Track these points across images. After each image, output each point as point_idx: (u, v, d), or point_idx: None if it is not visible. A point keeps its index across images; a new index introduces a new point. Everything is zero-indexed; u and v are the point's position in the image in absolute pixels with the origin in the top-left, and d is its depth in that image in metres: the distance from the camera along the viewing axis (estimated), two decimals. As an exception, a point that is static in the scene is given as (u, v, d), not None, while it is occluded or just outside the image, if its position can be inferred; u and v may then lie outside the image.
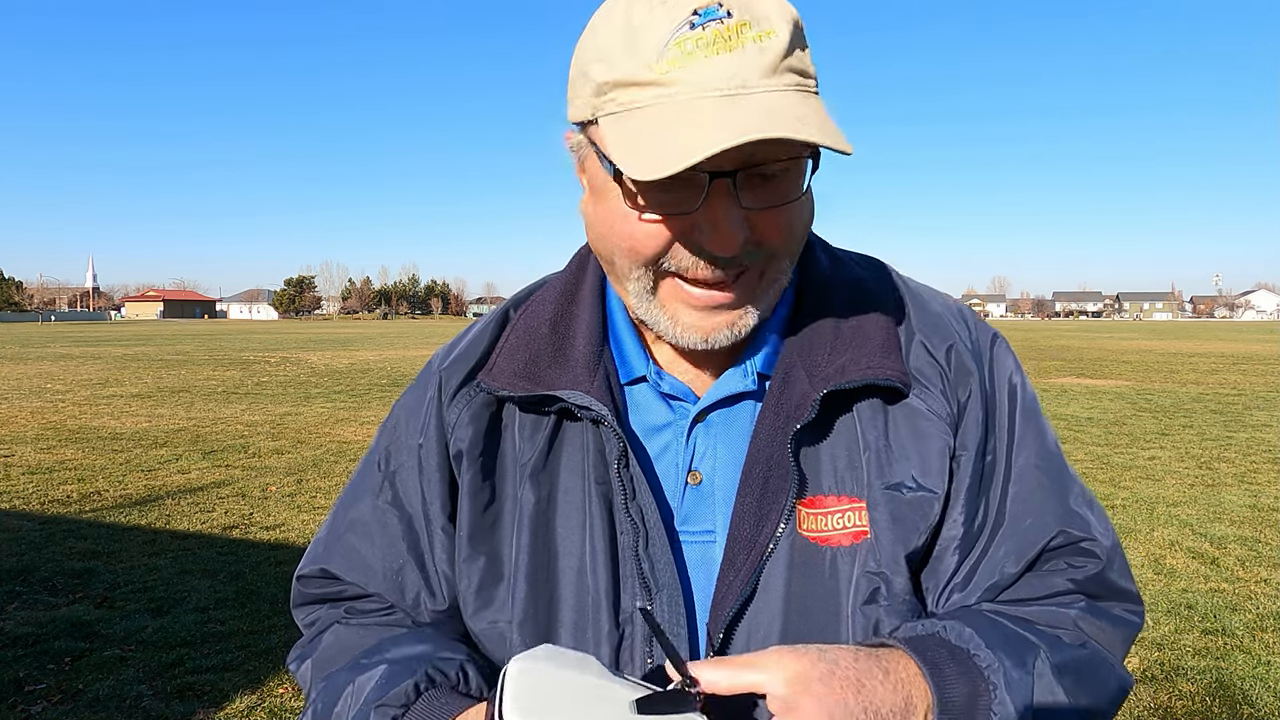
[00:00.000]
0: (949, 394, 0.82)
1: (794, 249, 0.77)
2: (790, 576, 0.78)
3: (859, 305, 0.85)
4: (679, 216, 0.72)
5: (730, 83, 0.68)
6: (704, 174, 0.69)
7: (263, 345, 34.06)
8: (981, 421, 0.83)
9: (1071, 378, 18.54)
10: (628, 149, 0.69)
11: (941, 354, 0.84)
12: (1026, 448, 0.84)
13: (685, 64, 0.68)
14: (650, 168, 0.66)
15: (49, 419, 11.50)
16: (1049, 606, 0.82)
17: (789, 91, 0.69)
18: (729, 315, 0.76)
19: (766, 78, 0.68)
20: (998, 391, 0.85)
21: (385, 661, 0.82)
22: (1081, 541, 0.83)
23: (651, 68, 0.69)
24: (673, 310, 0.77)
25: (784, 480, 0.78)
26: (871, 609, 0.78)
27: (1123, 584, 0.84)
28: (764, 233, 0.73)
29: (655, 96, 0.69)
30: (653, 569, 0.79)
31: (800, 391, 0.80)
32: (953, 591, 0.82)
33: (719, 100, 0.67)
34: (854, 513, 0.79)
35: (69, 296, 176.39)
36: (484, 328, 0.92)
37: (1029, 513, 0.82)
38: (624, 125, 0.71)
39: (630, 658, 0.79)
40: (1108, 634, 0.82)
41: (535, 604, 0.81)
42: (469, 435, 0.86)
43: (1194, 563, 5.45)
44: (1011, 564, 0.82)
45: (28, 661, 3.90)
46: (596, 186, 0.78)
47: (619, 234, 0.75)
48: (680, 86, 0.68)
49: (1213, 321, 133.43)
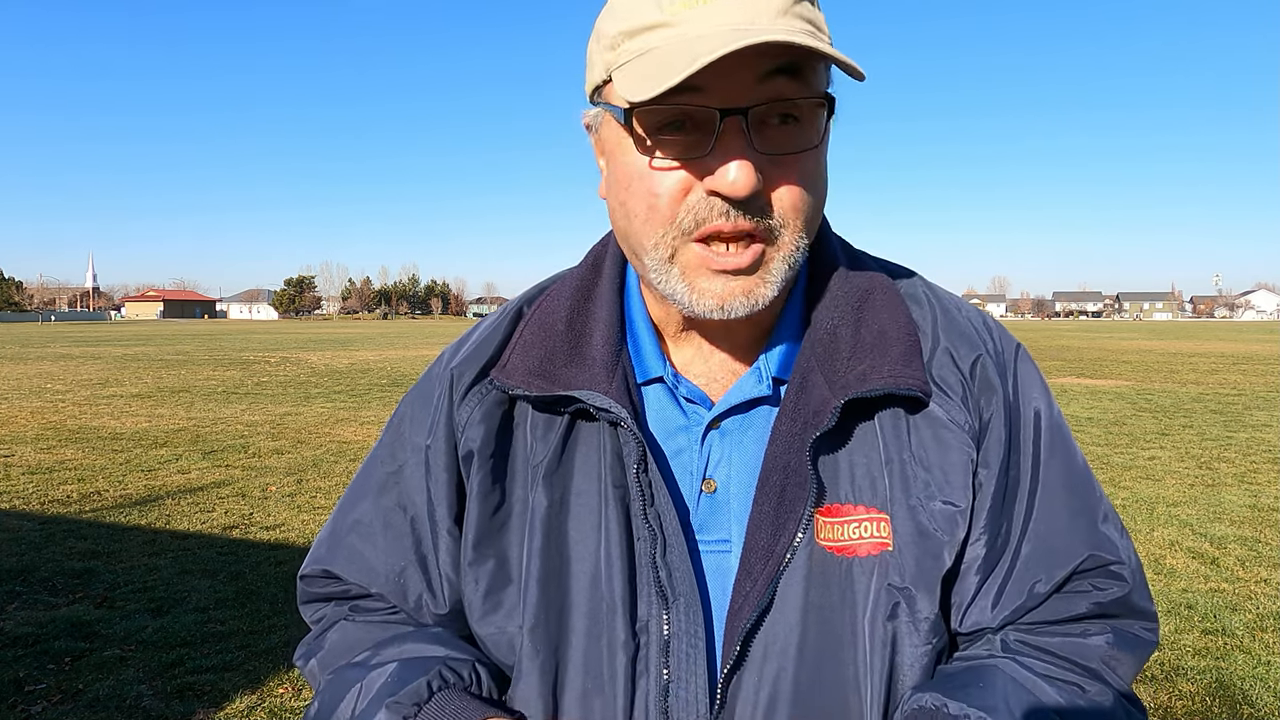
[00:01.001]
0: (970, 406, 0.80)
1: (807, 217, 0.74)
2: (808, 587, 0.76)
3: (880, 309, 0.82)
4: (693, 161, 0.71)
5: (742, 18, 0.68)
6: (715, 111, 0.68)
7: (263, 345, 34.05)
8: (1004, 439, 0.80)
9: (1071, 378, 18.54)
10: (634, 82, 0.69)
11: (967, 365, 0.81)
12: (1055, 468, 0.82)
13: (695, 6, 0.68)
14: (654, 84, 0.66)
15: (49, 419, 11.49)
16: (1072, 637, 0.80)
17: (800, 33, 0.68)
18: (745, 282, 0.73)
19: (777, 19, 0.69)
20: (1023, 408, 0.82)
21: (397, 659, 0.80)
22: (1110, 565, 0.80)
23: (663, 9, 0.70)
24: (690, 278, 0.74)
25: (802, 488, 0.75)
26: (892, 624, 0.75)
27: (1144, 605, 0.82)
28: (778, 185, 0.72)
29: (664, 38, 0.69)
30: (670, 577, 0.76)
31: (819, 398, 0.77)
32: (973, 612, 0.80)
33: (729, 32, 0.67)
34: (873, 523, 0.76)
35: (69, 296, 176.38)
36: (496, 324, 0.89)
37: (1057, 534, 0.80)
38: (634, 69, 0.70)
39: (645, 668, 0.77)
40: (1127, 660, 0.80)
41: (546, 610, 0.79)
42: (480, 435, 0.83)
43: (1194, 563, 5.45)
44: (1041, 587, 0.79)
45: (28, 661, 3.89)
46: (611, 151, 0.77)
47: (636, 193, 0.74)
48: (690, 25, 0.69)
49: (1213, 321, 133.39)
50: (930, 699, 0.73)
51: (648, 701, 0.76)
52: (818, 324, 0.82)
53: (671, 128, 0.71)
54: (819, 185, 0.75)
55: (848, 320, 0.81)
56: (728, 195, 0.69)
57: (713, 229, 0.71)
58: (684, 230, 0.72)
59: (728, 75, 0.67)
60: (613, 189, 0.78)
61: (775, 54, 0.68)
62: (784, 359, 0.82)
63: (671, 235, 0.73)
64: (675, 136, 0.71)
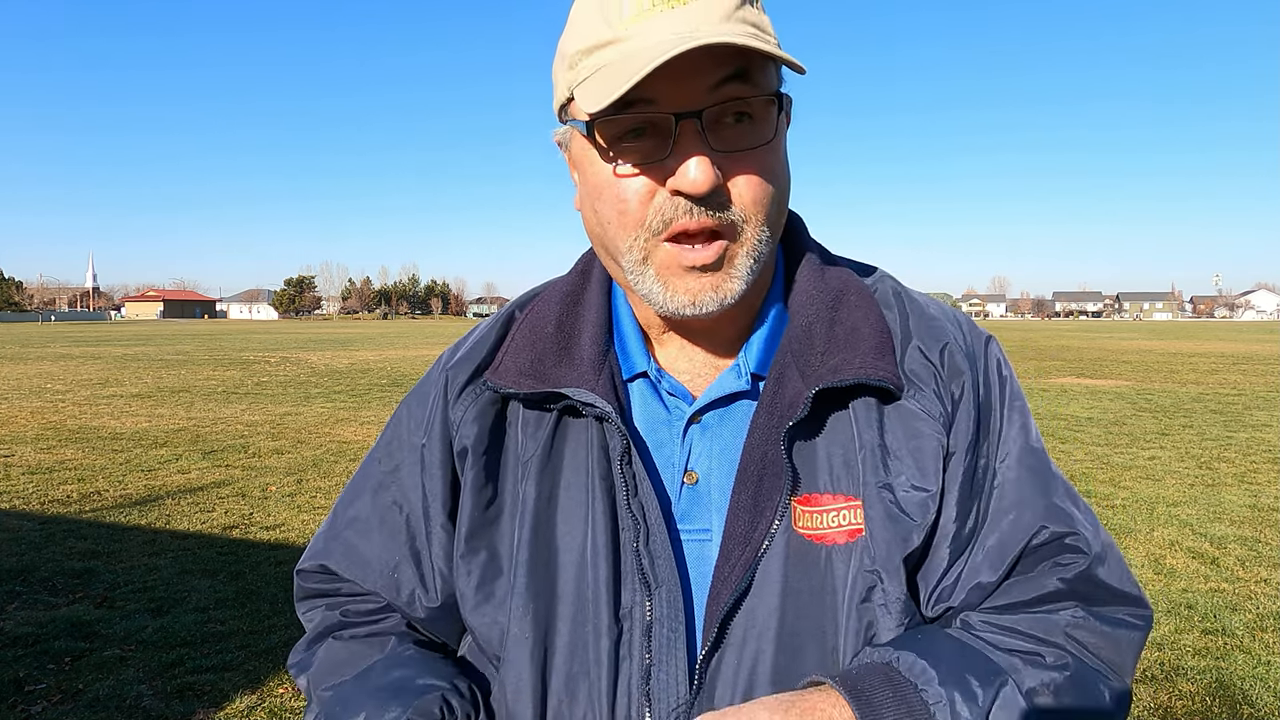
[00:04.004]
0: (942, 393, 0.83)
1: (769, 210, 0.78)
2: (787, 573, 0.78)
3: (853, 308, 0.85)
4: (654, 165, 0.75)
5: (685, 27, 0.72)
6: (670, 115, 0.72)
7: (263, 345, 34.08)
8: (974, 421, 0.83)
9: (1071, 378, 18.54)
10: (591, 96, 0.73)
11: (935, 354, 0.84)
12: (1010, 443, 0.84)
13: (642, 19, 0.73)
14: (604, 96, 0.70)
15: (49, 419, 11.49)
16: (1038, 613, 0.80)
17: (743, 37, 0.71)
18: (714, 278, 0.77)
19: (720, 25, 0.72)
20: (990, 391, 0.85)
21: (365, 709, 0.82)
22: (1065, 537, 0.81)
23: (612, 25, 0.74)
24: (665, 276, 0.78)
25: (778, 478, 0.79)
26: (867, 608, 0.78)
27: (1119, 585, 0.82)
28: (737, 181, 0.75)
29: (616, 53, 0.74)
30: (652, 564, 0.79)
31: (793, 390, 0.81)
32: (941, 594, 0.82)
33: (672, 40, 0.71)
34: (849, 511, 0.79)
35: (69, 296, 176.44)
36: (489, 328, 0.93)
37: (1010, 509, 0.82)
38: (590, 85, 0.74)
39: (629, 651, 0.80)
40: (1110, 641, 0.80)
41: (535, 598, 0.82)
42: (474, 432, 0.87)
43: (1194, 563, 5.45)
44: (992, 561, 0.81)
45: (28, 661, 3.90)
46: (580, 164, 0.81)
47: (606, 200, 0.78)
48: (637, 38, 0.73)
49: (1213, 321, 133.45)
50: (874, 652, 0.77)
51: (630, 684, 0.79)
52: (794, 322, 0.86)
53: (633, 135, 0.75)
54: (778, 179, 0.78)
55: (823, 318, 0.85)
56: (689, 192, 0.73)
57: (679, 227, 0.75)
58: (654, 231, 0.76)
59: (680, 83, 0.72)
60: (585, 199, 0.82)
61: (723, 60, 0.73)
62: (762, 355, 0.85)
63: (643, 238, 0.77)
64: (637, 143, 0.75)
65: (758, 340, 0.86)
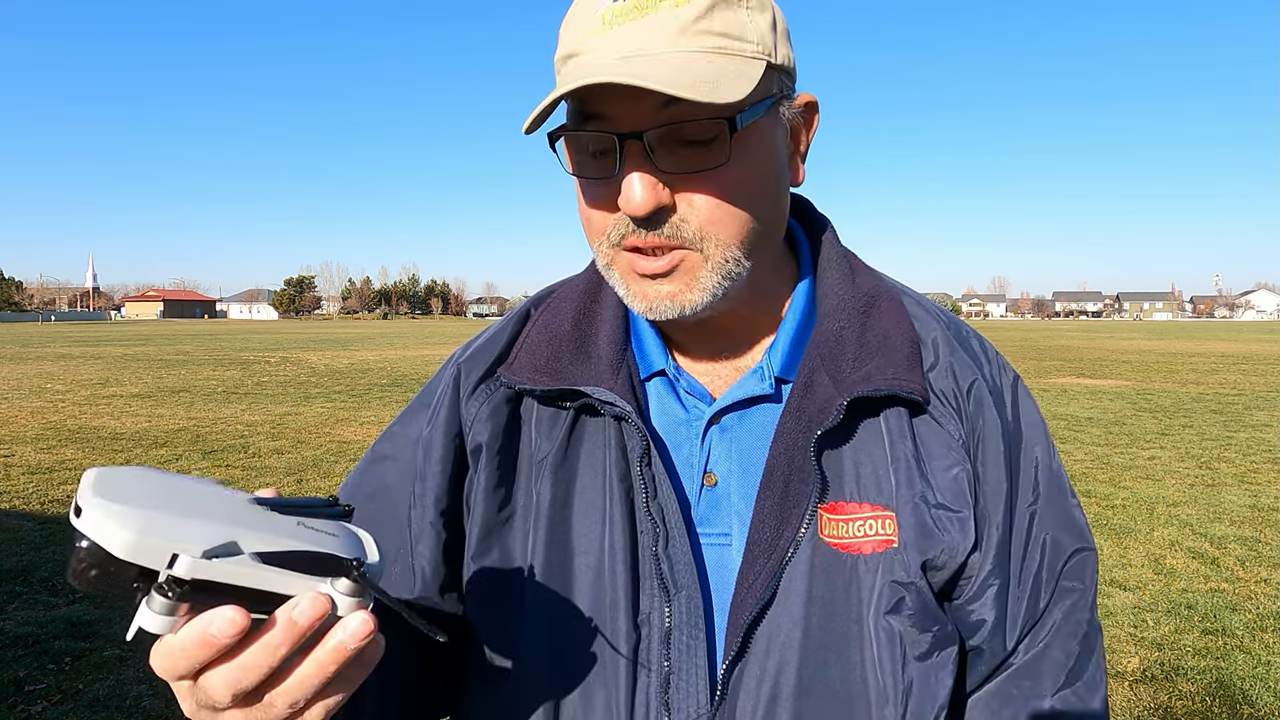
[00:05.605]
0: (964, 420, 0.81)
1: (732, 230, 0.74)
2: (811, 582, 0.76)
3: (884, 314, 0.84)
4: (604, 182, 0.74)
5: (633, 46, 0.70)
6: (613, 136, 0.71)
7: (263, 345, 34.07)
8: (1005, 481, 0.81)
9: (1071, 378, 18.55)
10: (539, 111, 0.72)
11: (965, 385, 0.82)
12: (1055, 530, 0.84)
13: (601, 32, 0.71)
14: (538, 113, 0.69)
15: (49, 419, 11.49)
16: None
17: (698, 53, 0.69)
18: (669, 288, 0.75)
19: (676, 40, 0.70)
20: (1024, 450, 0.83)
21: None
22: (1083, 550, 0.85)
23: (575, 38, 0.73)
24: (626, 283, 0.77)
25: (805, 484, 0.76)
26: (895, 619, 0.76)
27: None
28: (693, 200, 0.72)
29: (574, 66, 0.72)
30: (672, 569, 0.77)
31: (824, 395, 0.78)
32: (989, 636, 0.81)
33: (614, 62, 0.69)
34: (878, 521, 0.77)
35: (69, 296, 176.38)
36: (504, 324, 0.91)
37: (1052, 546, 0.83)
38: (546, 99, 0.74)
39: (647, 660, 0.78)
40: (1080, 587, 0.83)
41: (550, 602, 0.80)
42: (488, 430, 0.84)
43: (1194, 563, 5.45)
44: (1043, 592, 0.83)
45: (28, 661, 3.90)
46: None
47: (580, 207, 0.79)
48: (591, 53, 0.71)
49: (1213, 321, 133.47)
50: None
51: (649, 693, 0.77)
52: (823, 326, 0.83)
53: (590, 154, 0.74)
54: (742, 200, 0.74)
55: (854, 324, 0.83)
56: (629, 214, 0.72)
57: (630, 243, 0.75)
58: (613, 242, 0.76)
59: (628, 103, 0.69)
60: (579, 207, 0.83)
61: None
62: (787, 359, 0.83)
63: (606, 245, 0.77)
64: (593, 162, 0.74)
65: (782, 343, 0.84)
